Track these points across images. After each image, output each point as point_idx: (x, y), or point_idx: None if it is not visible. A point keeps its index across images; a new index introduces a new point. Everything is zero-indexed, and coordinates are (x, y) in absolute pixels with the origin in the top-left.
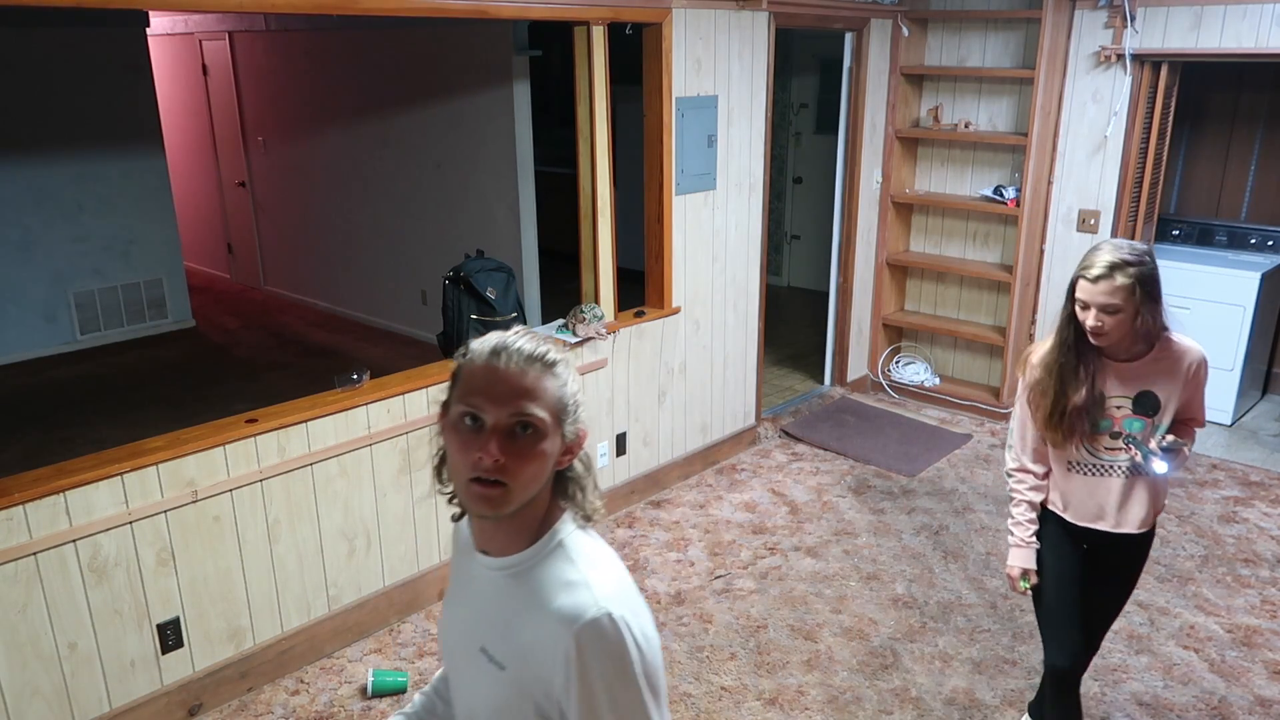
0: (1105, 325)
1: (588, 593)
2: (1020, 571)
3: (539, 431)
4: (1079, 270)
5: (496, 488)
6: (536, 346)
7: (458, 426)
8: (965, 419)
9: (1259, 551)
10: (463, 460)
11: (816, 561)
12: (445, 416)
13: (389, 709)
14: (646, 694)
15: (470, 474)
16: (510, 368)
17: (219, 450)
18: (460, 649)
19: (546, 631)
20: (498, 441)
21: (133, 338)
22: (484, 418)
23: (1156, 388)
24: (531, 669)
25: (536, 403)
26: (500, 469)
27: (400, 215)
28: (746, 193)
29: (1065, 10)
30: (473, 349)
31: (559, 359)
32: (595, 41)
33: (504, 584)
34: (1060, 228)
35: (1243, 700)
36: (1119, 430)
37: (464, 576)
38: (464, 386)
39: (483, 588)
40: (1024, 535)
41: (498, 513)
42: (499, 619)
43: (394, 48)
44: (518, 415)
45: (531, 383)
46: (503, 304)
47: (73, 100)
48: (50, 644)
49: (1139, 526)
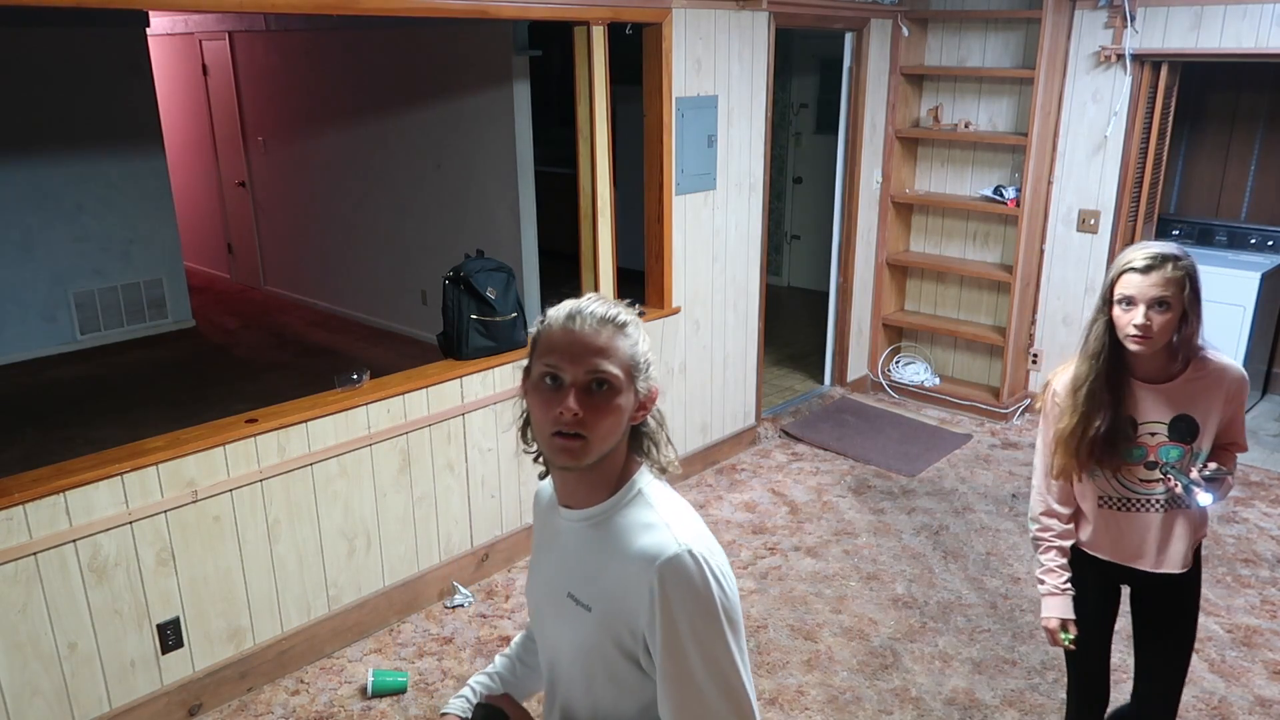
0: (1154, 324)
1: (667, 532)
2: (1058, 623)
3: (613, 387)
4: (1120, 268)
5: (576, 440)
6: (609, 309)
7: (539, 386)
8: (965, 419)
9: (1259, 551)
10: (544, 416)
11: (816, 561)
12: (527, 380)
13: (389, 709)
14: (725, 626)
15: (552, 429)
16: (585, 329)
17: (219, 450)
18: (547, 598)
19: (630, 570)
20: (576, 397)
21: (133, 338)
22: (563, 376)
23: (1194, 411)
24: (616, 607)
25: (610, 360)
26: (579, 422)
27: (400, 215)
28: (746, 193)
29: (1065, 10)
30: (549, 315)
31: (629, 320)
32: (595, 41)
33: (587, 533)
34: (1060, 228)
35: (1243, 700)
36: (1154, 460)
37: (548, 533)
38: (543, 349)
39: (567, 540)
40: (1057, 582)
41: (578, 463)
42: (584, 565)
43: (394, 48)
44: (593, 372)
45: (605, 342)
46: (503, 304)
47: (73, 100)
48: (50, 644)
49: (1182, 565)
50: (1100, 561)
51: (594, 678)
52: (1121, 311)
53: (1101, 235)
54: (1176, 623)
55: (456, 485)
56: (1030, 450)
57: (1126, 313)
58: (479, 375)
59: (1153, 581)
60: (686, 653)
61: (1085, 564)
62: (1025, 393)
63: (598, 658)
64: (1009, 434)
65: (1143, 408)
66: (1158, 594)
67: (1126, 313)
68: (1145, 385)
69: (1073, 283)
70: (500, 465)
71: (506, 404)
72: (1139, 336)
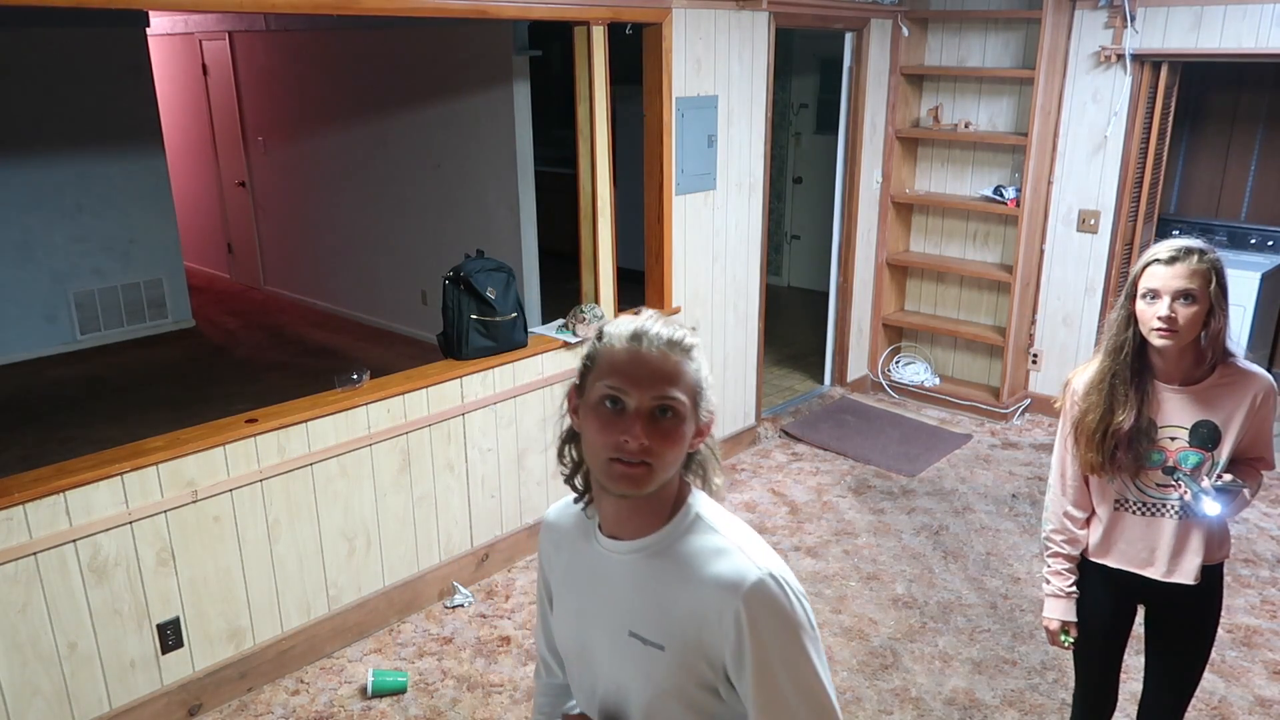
0: (1179, 317)
1: (743, 557)
2: (1059, 625)
3: (679, 414)
4: (1145, 261)
5: (640, 467)
6: (674, 331)
7: (598, 409)
8: (965, 419)
9: (1259, 551)
10: (603, 441)
11: (816, 561)
12: (577, 398)
13: (389, 709)
14: (811, 647)
15: (612, 454)
16: (652, 352)
17: (219, 450)
18: (597, 640)
19: (707, 600)
20: (642, 423)
21: (133, 338)
22: (626, 401)
23: (1217, 417)
24: (694, 641)
25: (677, 386)
26: (645, 450)
27: (400, 215)
28: (746, 193)
29: (1065, 10)
30: (610, 333)
31: (695, 343)
32: (595, 41)
33: (644, 565)
34: (1060, 228)
35: (1243, 700)
36: (1172, 465)
37: (580, 568)
38: (604, 369)
39: (616, 573)
40: (1062, 585)
41: (640, 491)
42: (647, 600)
43: (394, 48)
44: (660, 399)
45: (672, 367)
46: (503, 304)
47: (73, 100)
48: (50, 644)
49: (1194, 577)
50: (1109, 571)
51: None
52: (1146, 305)
53: (1101, 235)
54: (1186, 639)
55: (456, 485)
56: (1030, 450)
57: (1151, 306)
58: (479, 375)
59: (1164, 593)
60: (778, 680)
61: (1094, 574)
62: (1025, 393)
63: (676, 696)
64: (1009, 434)
65: (1164, 410)
66: (1168, 607)
67: (1151, 306)
68: (1168, 387)
69: (1073, 283)
70: (500, 465)
71: (507, 404)
72: (1164, 330)
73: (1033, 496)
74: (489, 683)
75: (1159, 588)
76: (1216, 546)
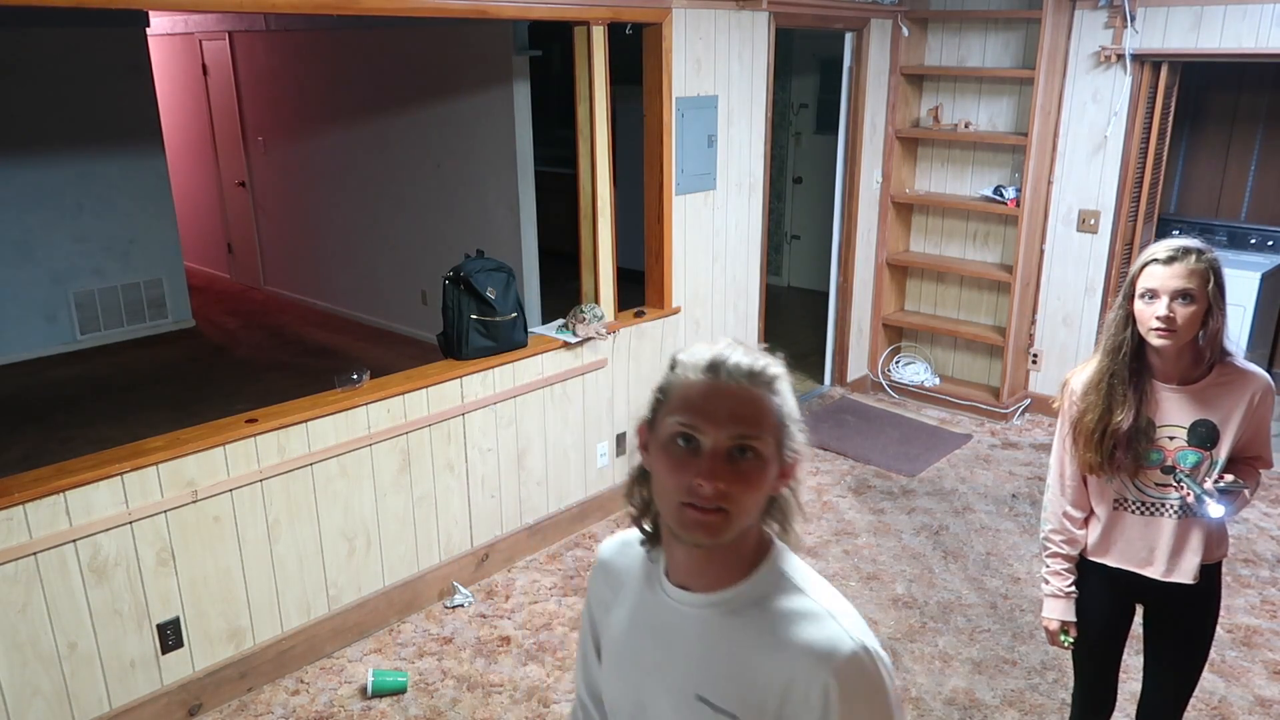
0: (1177, 317)
1: (835, 625)
2: (1059, 624)
3: (760, 455)
4: (1143, 261)
5: (716, 514)
6: (756, 360)
7: (669, 447)
8: (965, 419)
9: (1259, 551)
10: (675, 483)
11: (816, 561)
12: (648, 433)
13: (389, 709)
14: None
15: (684, 498)
16: (730, 385)
17: (219, 450)
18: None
19: (793, 669)
20: (717, 465)
21: (133, 338)
22: (700, 439)
23: (1215, 416)
24: (773, 713)
25: (758, 424)
26: (721, 495)
27: (400, 215)
28: (746, 193)
29: (1065, 10)
30: (683, 362)
31: (779, 374)
32: (595, 41)
33: (719, 621)
34: (1060, 228)
35: (1243, 700)
36: (1171, 464)
37: (643, 617)
38: (676, 403)
39: (685, 628)
40: (1061, 585)
41: (714, 540)
42: (720, 662)
43: (394, 48)
44: (739, 437)
45: (753, 402)
46: (503, 304)
47: (72, 100)
48: (50, 644)
49: (1193, 576)
50: (1108, 570)
51: None
52: (1144, 305)
53: (1101, 235)
54: (1184, 639)
55: (456, 485)
56: (1030, 450)
57: (1149, 305)
58: (479, 375)
59: (1163, 592)
60: None
61: (1093, 573)
62: (1025, 393)
63: None
64: (1009, 434)
65: (1162, 410)
66: (1167, 607)
67: (1149, 305)
68: (1166, 387)
69: (1073, 283)
70: (500, 465)
71: (507, 404)
72: (1162, 330)
73: (1033, 496)
74: (489, 683)
75: (1158, 587)
76: (1215, 545)
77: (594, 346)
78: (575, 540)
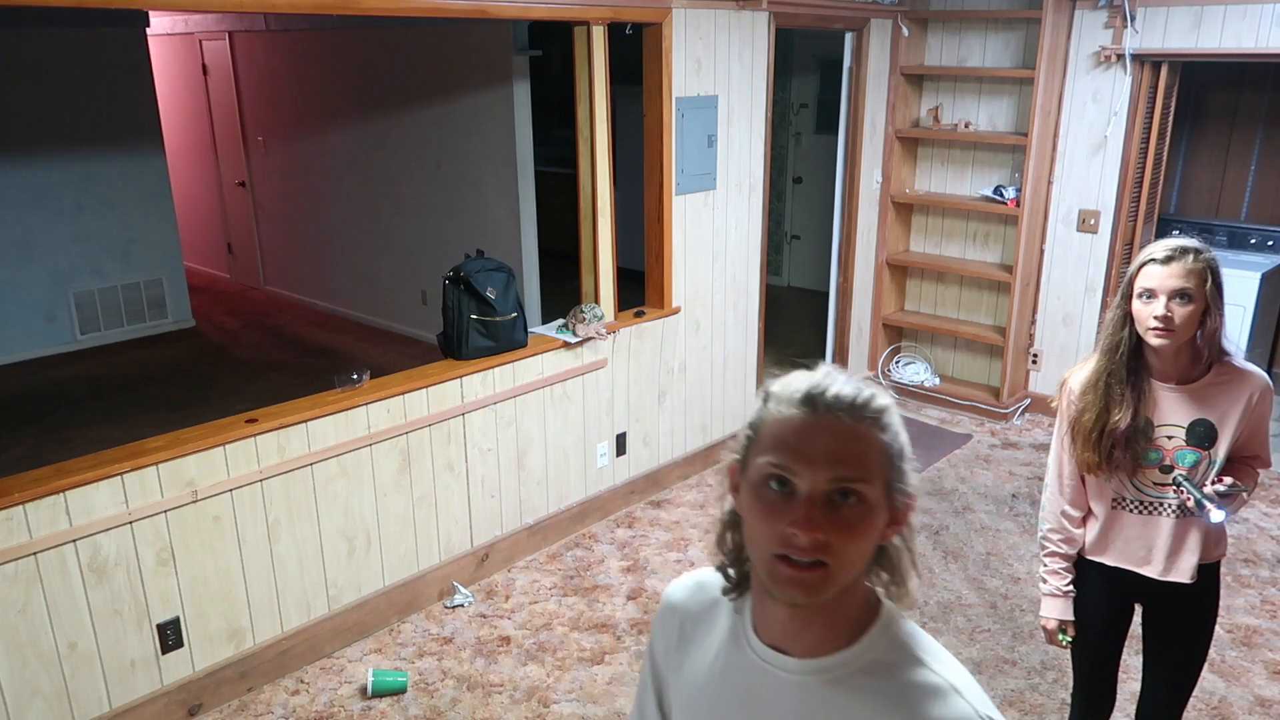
0: (1175, 316)
1: (962, 702)
2: (1057, 624)
3: (866, 500)
4: (1140, 261)
5: (815, 570)
6: (860, 391)
7: (760, 490)
8: (965, 419)
9: (1259, 551)
10: (766, 532)
11: None
12: (739, 474)
13: (389, 709)
14: None
15: (777, 549)
16: (829, 420)
17: (219, 450)
18: None
19: None
20: (816, 512)
21: (133, 338)
22: (796, 482)
23: (1214, 416)
24: None
25: (862, 464)
26: (819, 547)
27: (400, 215)
28: (746, 193)
29: (1065, 10)
30: (776, 393)
31: (887, 405)
32: (595, 41)
33: (820, 692)
34: (1060, 228)
35: (1243, 700)
36: (1170, 464)
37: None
38: (769, 441)
39: (780, 695)
40: (1059, 584)
41: (812, 600)
42: None
43: (394, 48)
44: (840, 481)
45: (857, 439)
46: (503, 304)
47: (73, 100)
48: (50, 644)
49: (1191, 575)
50: (1106, 569)
51: None
52: (1142, 305)
53: (1101, 235)
54: (1182, 638)
55: (456, 485)
56: (1030, 450)
57: (1147, 305)
58: (479, 375)
59: (1161, 592)
60: None
61: (1091, 572)
62: (1025, 393)
63: None
64: (1009, 434)
65: (1161, 409)
66: (1166, 606)
67: (1147, 305)
68: (1164, 386)
69: (1073, 283)
70: (500, 465)
71: (507, 404)
72: (1160, 329)
73: (1033, 496)
74: (489, 683)
75: (1156, 586)
76: (1213, 545)
77: (594, 346)
78: (575, 540)
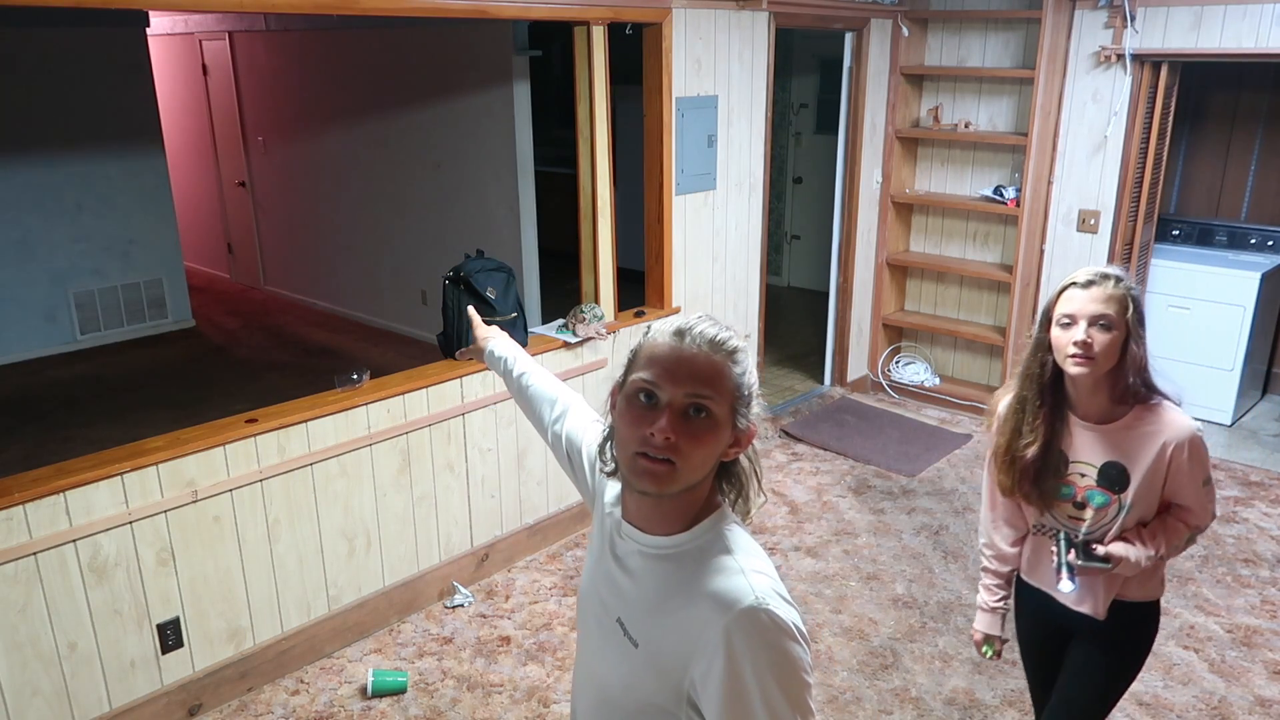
0: (1095, 343)
1: (744, 582)
2: (982, 636)
3: (713, 416)
4: (1061, 285)
5: (664, 465)
6: (719, 332)
7: (631, 401)
8: (965, 419)
9: (1259, 551)
10: (631, 434)
11: (816, 561)
12: (618, 393)
13: (389, 709)
14: (798, 688)
15: (638, 448)
16: (692, 349)
17: (219, 450)
18: (595, 614)
19: (695, 615)
20: (671, 420)
21: (133, 338)
22: (660, 395)
23: (1127, 460)
24: (670, 650)
25: (714, 387)
26: (670, 447)
27: (400, 215)
28: (746, 193)
29: (1065, 10)
30: (655, 327)
31: (740, 347)
32: (595, 41)
33: (654, 564)
34: (1060, 228)
35: (1243, 700)
36: (1082, 501)
37: (605, 539)
38: (643, 362)
39: (629, 562)
40: (989, 599)
41: (661, 491)
42: (644, 598)
43: (394, 48)
44: (694, 397)
45: (712, 367)
46: (503, 304)
47: (73, 100)
48: (50, 644)
49: (1099, 612)
50: (1034, 590)
51: (630, 716)
52: (1061, 331)
53: (1101, 235)
54: (1087, 672)
55: (456, 485)
56: None
57: (1066, 331)
58: (479, 375)
59: (1077, 621)
60: (753, 713)
61: (1024, 591)
62: None
63: (635, 699)
64: None
65: (1076, 445)
66: (1081, 636)
67: (1066, 331)
68: (1081, 423)
69: None
70: (500, 465)
71: (507, 404)
72: (1079, 356)
73: None
74: (489, 683)
75: (1072, 615)
76: (1136, 585)
77: (594, 346)
78: (575, 540)
